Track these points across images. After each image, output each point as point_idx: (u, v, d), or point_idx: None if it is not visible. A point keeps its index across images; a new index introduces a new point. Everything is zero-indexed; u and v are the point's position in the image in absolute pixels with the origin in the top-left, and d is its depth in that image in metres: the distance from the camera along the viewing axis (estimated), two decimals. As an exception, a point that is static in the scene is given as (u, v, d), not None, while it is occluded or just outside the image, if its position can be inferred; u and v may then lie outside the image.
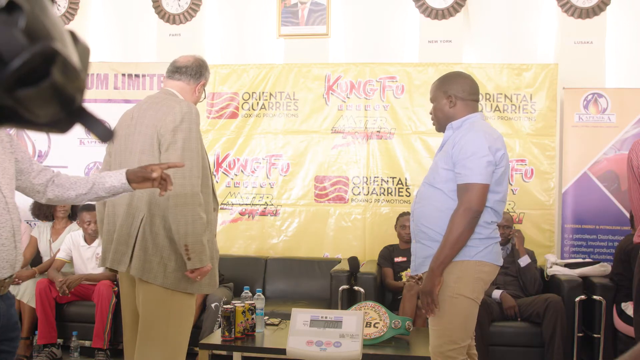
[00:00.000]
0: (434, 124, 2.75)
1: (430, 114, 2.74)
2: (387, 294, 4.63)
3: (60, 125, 0.57)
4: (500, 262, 2.56)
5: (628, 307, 4.08)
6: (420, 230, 2.57)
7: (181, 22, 5.51)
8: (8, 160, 1.94)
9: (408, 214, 4.75)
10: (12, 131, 2.06)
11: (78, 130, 0.59)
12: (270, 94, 5.27)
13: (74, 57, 0.56)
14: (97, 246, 4.55)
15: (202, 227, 2.33)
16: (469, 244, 2.44)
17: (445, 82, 2.68)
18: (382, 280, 4.61)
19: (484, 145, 2.44)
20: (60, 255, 4.67)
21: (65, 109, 0.56)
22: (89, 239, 4.62)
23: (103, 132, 0.60)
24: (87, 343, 4.44)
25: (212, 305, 4.30)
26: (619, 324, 4.11)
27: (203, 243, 2.34)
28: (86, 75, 0.59)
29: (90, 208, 4.55)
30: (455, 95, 2.61)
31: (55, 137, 5.27)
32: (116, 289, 4.46)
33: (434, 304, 2.44)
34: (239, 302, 3.25)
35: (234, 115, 5.30)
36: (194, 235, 2.31)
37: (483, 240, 2.46)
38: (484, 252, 2.46)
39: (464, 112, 2.60)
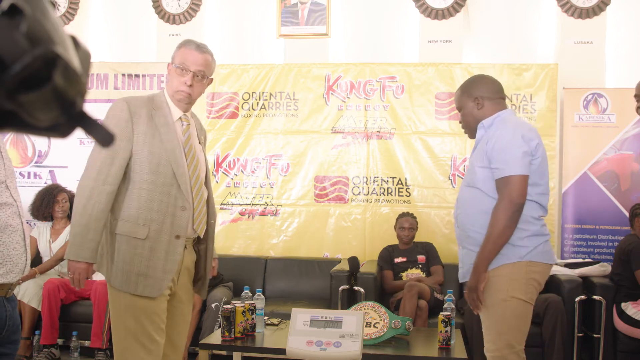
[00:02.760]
0: (465, 132, 2.70)
1: (460, 122, 2.71)
2: (386, 295, 4.60)
3: (61, 129, 0.57)
4: (553, 260, 2.49)
5: (628, 307, 4.08)
6: (466, 236, 2.51)
7: (181, 22, 5.51)
8: (10, 164, 1.92)
9: (407, 214, 4.74)
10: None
11: (78, 131, 0.59)
12: (270, 94, 5.26)
13: (75, 61, 0.56)
14: None
15: (84, 220, 2.29)
16: (519, 244, 2.39)
17: (468, 86, 2.65)
18: (382, 283, 4.60)
19: (516, 136, 2.40)
20: None
21: (66, 113, 0.56)
22: None
23: (104, 137, 0.60)
24: (87, 343, 4.43)
25: (212, 305, 4.30)
26: (618, 324, 4.11)
27: (83, 236, 2.30)
28: (87, 79, 0.59)
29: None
30: (481, 97, 2.58)
31: (55, 137, 5.26)
32: None
33: (479, 300, 2.42)
34: (239, 302, 3.25)
35: (233, 115, 5.30)
36: (77, 226, 2.32)
37: (532, 238, 2.41)
38: (534, 252, 2.41)
39: (493, 110, 2.57)
